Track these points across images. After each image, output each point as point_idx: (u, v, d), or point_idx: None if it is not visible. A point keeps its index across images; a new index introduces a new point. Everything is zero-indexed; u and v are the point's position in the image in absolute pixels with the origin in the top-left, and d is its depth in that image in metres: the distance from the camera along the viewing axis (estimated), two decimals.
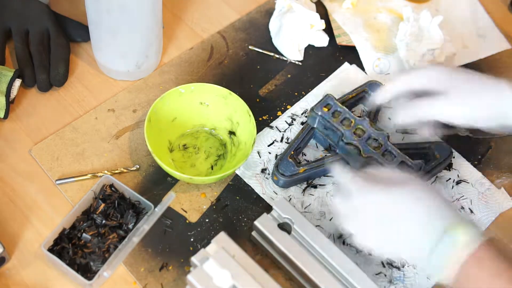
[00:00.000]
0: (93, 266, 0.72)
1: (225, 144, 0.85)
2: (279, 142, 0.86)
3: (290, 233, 0.73)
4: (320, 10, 1.02)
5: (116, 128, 0.86)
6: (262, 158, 0.85)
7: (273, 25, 0.98)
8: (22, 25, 0.89)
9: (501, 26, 1.06)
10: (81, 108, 0.87)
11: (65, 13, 0.95)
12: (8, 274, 0.73)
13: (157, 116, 0.81)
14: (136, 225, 0.75)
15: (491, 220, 0.83)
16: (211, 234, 0.77)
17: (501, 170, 0.88)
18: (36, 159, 0.81)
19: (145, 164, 0.82)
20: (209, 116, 0.86)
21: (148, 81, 0.91)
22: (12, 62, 0.90)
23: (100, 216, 0.76)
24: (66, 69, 0.88)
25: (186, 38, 0.97)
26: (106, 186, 0.78)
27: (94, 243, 0.74)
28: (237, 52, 0.96)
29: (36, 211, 0.77)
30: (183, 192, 0.81)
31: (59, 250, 0.73)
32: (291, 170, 0.81)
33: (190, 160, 0.83)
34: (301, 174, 0.81)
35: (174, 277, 0.74)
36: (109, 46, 0.86)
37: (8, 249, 0.74)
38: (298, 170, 0.81)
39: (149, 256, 0.75)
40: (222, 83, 0.92)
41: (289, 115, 0.89)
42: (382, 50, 0.98)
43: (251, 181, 0.82)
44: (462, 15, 1.06)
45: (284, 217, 0.74)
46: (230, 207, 0.80)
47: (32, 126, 0.85)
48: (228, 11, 1.02)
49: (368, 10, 1.03)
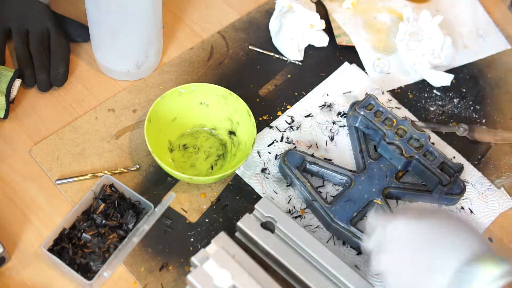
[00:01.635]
0: (93, 266, 0.72)
1: (225, 144, 0.85)
2: (279, 142, 0.86)
3: (273, 232, 0.74)
4: (320, 10, 1.02)
5: (116, 128, 0.86)
6: (262, 158, 0.85)
7: (273, 25, 0.98)
8: (22, 25, 0.89)
9: (501, 26, 1.06)
10: (81, 108, 0.87)
11: (65, 13, 0.95)
12: (8, 274, 0.73)
13: (157, 116, 0.81)
14: (136, 225, 0.75)
15: (491, 220, 0.83)
16: (211, 234, 0.77)
17: (501, 170, 0.88)
18: (36, 159, 0.81)
19: (145, 164, 0.82)
20: (209, 116, 0.86)
21: (148, 81, 0.91)
22: (12, 62, 0.90)
23: (100, 216, 0.76)
24: (66, 69, 0.88)
25: (186, 38, 0.97)
26: (106, 186, 0.78)
27: (94, 243, 0.74)
28: (237, 52, 0.96)
29: (36, 211, 0.77)
30: (183, 192, 0.81)
31: (59, 250, 0.73)
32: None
33: (190, 160, 0.83)
34: None
35: (174, 277, 0.74)
36: (109, 46, 0.86)
37: (8, 249, 0.74)
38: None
39: (149, 256, 0.75)
40: (222, 83, 0.92)
41: (289, 115, 0.89)
42: (382, 50, 0.98)
43: (251, 181, 0.82)
44: (462, 15, 1.06)
45: (266, 216, 0.74)
46: (230, 207, 0.80)
47: (32, 126, 0.85)
48: (228, 11, 1.02)
49: (368, 10, 1.03)
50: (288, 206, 0.80)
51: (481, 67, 1.00)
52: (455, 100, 0.95)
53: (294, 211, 0.80)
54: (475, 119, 0.93)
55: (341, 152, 0.87)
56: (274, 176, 0.83)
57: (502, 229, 0.83)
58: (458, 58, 0.99)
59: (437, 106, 0.94)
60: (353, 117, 0.85)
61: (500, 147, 0.91)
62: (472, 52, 1.01)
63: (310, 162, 0.82)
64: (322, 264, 0.72)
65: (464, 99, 0.96)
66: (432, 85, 0.96)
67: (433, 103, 0.94)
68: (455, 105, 0.95)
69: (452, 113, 0.94)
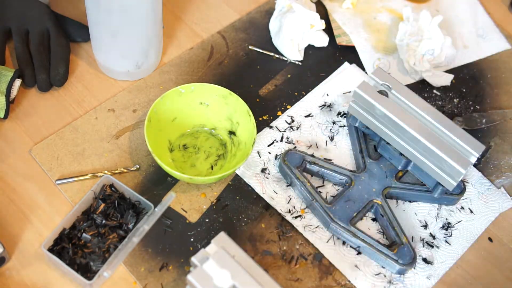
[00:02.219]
0: (93, 266, 0.72)
1: (225, 144, 0.85)
2: (279, 142, 0.86)
3: (387, 97, 0.80)
4: (320, 10, 1.02)
5: (116, 128, 0.86)
6: (262, 158, 0.85)
7: (273, 25, 0.98)
8: (22, 25, 0.89)
9: (501, 26, 1.06)
10: (81, 108, 0.87)
11: (65, 13, 0.95)
12: (8, 274, 0.73)
13: (157, 116, 0.81)
14: (136, 225, 0.75)
15: (491, 220, 0.83)
16: (211, 234, 0.77)
17: (501, 170, 0.88)
18: (36, 159, 0.81)
19: (145, 164, 0.82)
20: (209, 116, 0.86)
21: (148, 81, 0.91)
22: (12, 62, 0.90)
23: (100, 216, 0.76)
24: (66, 69, 0.88)
25: (186, 38, 0.97)
26: (106, 186, 0.78)
27: (94, 243, 0.74)
28: (237, 52, 0.96)
29: (36, 211, 0.77)
30: (183, 192, 0.81)
31: (59, 250, 0.73)
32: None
33: (190, 160, 0.83)
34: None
35: (174, 277, 0.74)
36: (109, 46, 0.86)
37: (8, 249, 0.74)
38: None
39: (149, 256, 0.75)
40: (222, 83, 0.92)
41: (289, 115, 0.89)
42: (382, 50, 0.98)
43: (251, 180, 0.82)
44: (462, 15, 1.06)
45: (381, 84, 0.81)
46: (230, 207, 0.80)
47: (32, 126, 0.85)
48: (228, 11, 1.02)
49: (368, 10, 1.03)
50: (288, 206, 0.80)
51: (481, 67, 1.00)
52: (455, 100, 0.95)
53: (294, 211, 0.80)
54: (475, 119, 0.93)
55: (341, 152, 0.87)
56: (274, 176, 0.83)
57: (502, 229, 0.83)
58: (458, 58, 0.99)
59: (437, 106, 0.94)
60: (353, 117, 0.85)
61: (500, 147, 0.91)
62: (472, 52, 1.01)
63: (310, 162, 0.82)
64: (436, 126, 0.78)
65: (464, 99, 0.96)
66: (432, 85, 0.96)
67: (433, 103, 0.94)
68: (455, 105, 0.95)
69: (452, 113, 0.94)
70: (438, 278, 0.77)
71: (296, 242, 0.78)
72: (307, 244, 0.78)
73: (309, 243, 0.78)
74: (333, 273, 0.76)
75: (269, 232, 0.79)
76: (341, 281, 0.76)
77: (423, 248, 0.79)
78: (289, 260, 0.77)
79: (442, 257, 0.79)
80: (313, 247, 0.78)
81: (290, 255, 0.77)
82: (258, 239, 0.78)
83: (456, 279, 0.78)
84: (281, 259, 0.77)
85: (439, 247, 0.80)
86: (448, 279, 0.78)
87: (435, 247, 0.80)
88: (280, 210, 0.80)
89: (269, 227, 0.79)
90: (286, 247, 0.78)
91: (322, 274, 0.76)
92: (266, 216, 0.80)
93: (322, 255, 0.77)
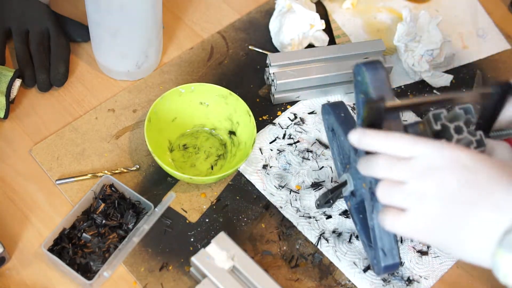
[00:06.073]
0: (93, 266, 0.73)
1: (225, 144, 0.85)
2: (281, 139, 0.86)
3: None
4: (320, 10, 1.02)
5: (116, 128, 0.86)
6: (264, 154, 0.85)
7: (273, 25, 0.98)
8: (22, 25, 0.89)
9: (501, 26, 1.06)
10: (81, 108, 0.87)
11: (65, 13, 0.95)
12: (8, 274, 0.73)
13: (157, 116, 0.81)
14: (136, 225, 0.76)
15: None
16: (211, 234, 0.77)
17: None
18: (36, 159, 0.81)
19: (145, 164, 0.82)
20: (209, 116, 0.86)
21: (148, 81, 0.91)
22: (12, 62, 0.90)
23: (100, 216, 0.76)
24: (66, 69, 0.88)
25: (186, 38, 0.97)
26: (106, 186, 0.78)
27: (94, 243, 0.74)
28: (237, 52, 0.96)
29: (36, 211, 0.77)
30: (183, 192, 0.81)
31: (59, 250, 0.73)
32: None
33: (190, 160, 0.83)
34: None
35: (174, 277, 0.74)
36: (109, 46, 0.86)
37: (8, 249, 0.74)
38: None
39: (149, 256, 0.75)
40: (222, 83, 0.92)
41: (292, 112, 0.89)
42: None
43: (252, 177, 0.82)
44: (462, 15, 1.06)
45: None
46: (230, 207, 0.80)
47: (32, 126, 0.85)
48: (228, 11, 1.02)
49: (368, 10, 1.03)
50: (289, 197, 0.81)
51: (481, 67, 1.00)
52: None
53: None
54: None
55: None
56: (275, 172, 0.83)
57: None
58: (458, 58, 0.99)
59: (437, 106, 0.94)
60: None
61: None
62: (472, 52, 1.01)
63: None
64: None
65: None
66: (431, 85, 0.96)
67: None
68: None
69: None
70: (438, 278, 0.77)
71: (296, 242, 0.78)
72: (307, 244, 0.78)
73: (309, 243, 0.78)
74: (333, 273, 0.76)
75: (269, 232, 0.79)
76: (341, 281, 0.76)
77: (423, 248, 0.79)
78: (289, 260, 0.77)
79: (442, 257, 0.79)
80: (313, 247, 0.78)
81: (290, 255, 0.77)
82: (258, 239, 0.78)
83: (456, 279, 0.78)
84: (281, 259, 0.77)
85: None
86: (448, 279, 0.78)
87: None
88: (280, 207, 0.80)
89: (269, 227, 0.79)
90: (286, 247, 0.78)
91: (322, 274, 0.76)
92: (266, 216, 0.80)
93: (322, 255, 0.77)
